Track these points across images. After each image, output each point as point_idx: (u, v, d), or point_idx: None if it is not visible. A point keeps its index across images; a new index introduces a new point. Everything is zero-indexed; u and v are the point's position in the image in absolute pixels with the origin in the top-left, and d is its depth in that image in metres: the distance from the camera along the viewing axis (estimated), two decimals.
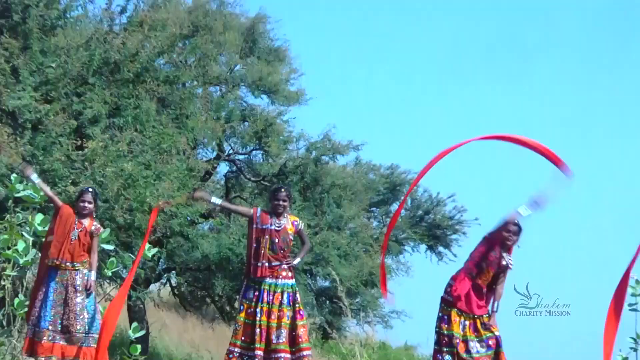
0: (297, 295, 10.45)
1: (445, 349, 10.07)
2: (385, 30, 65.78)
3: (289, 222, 10.51)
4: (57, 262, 10.28)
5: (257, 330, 10.11)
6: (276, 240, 10.33)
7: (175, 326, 24.81)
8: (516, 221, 10.23)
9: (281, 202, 10.48)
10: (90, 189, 11.04)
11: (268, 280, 10.27)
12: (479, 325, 10.10)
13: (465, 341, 10.05)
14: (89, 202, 10.54)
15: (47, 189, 10.94)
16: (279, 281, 10.29)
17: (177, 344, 22.96)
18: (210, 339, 23.97)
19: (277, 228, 10.39)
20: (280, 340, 10.10)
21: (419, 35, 66.48)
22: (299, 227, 10.67)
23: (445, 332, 10.10)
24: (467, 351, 10.02)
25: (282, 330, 10.13)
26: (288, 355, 10.08)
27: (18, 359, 10.69)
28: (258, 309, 10.17)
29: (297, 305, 10.34)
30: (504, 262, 10.19)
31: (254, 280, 10.32)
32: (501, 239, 10.25)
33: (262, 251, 10.30)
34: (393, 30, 64.95)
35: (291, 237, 10.56)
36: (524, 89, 68.45)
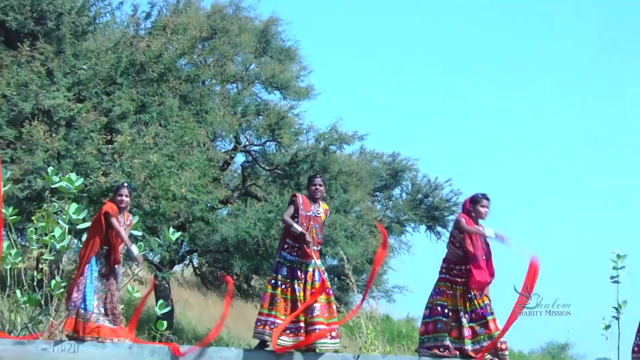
0: (325, 273, 10.45)
1: (439, 317, 10.13)
2: (388, 27, 65.60)
3: (322, 210, 10.49)
4: (116, 256, 10.34)
5: (299, 304, 10.07)
6: (317, 226, 10.34)
7: (197, 303, 24.82)
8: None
9: (318, 187, 10.44)
10: (125, 184, 10.88)
11: (308, 262, 10.26)
12: (467, 295, 10.18)
13: (456, 311, 10.14)
14: (126, 196, 10.54)
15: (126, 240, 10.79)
16: (312, 261, 10.28)
17: (198, 320, 23.01)
18: (229, 315, 24.01)
19: (316, 214, 10.38)
20: (315, 314, 10.09)
21: (419, 32, 66.32)
22: (328, 214, 10.71)
23: (438, 302, 10.18)
24: (458, 320, 10.11)
25: (316, 304, 10.09)
26: (325, 327, 9.99)
27: (55, 335, 10.77)
28: (296, 286, 10.13)
29: (326, 282, 10.30)
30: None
31: (291, 260, 10.30)
32: (477, 212, 10.37)
33: (312, 236, 10.21)
34: (395, 28, 64.81)
35: (325, 224, 10.64)
36: (517, 83, 68.00)
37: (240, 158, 23.75)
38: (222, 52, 22.16)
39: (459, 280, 10.15)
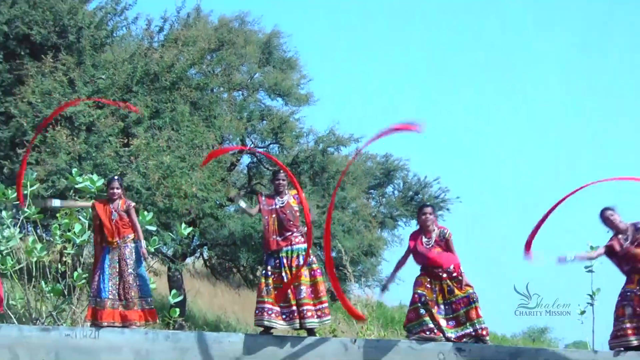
0: (313, 257, 10.43)
1: (418, 305, 10.09)
2: (380, 34, 65.56)
3: (290, 197, 10.47)
4: (109, 241, 10.28)
5: (278, 291, 10.07)
6: (283, 216, 10.31)
7: (207, 293, 24.82)
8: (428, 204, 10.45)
9: (281, 181, 10.48)
10: (116, 177, 10.90)
11: (285, 248, 10.25)
12: (445, 289, 10.12)
13: (434, 303, 10.10)
14: (117, 188, 10.50)
15: (73, 203, 10.89)
16: (294, 247, 10.24)
17: (208, 308, 23.01)
18: (236, 303, 24.00)
19: (281, 205, 10.35)
20: (302, 296, 10.10)
21: (409, 38, 66.25)
22: (298, 197, 10.55)
23: (418, 291, 10.14)
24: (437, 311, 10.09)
25: (302, 287, 10.09)
26: (312, 307, 10.04)
27: (77, 322, 10.73)
28: (284, 274, 10.12)
29: (314, 265, 10.32)
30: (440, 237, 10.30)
31: (272, 251, 10.29)
32: (421, 224, 10.37)
33: (272, 227, 10.29)
34: (387, 35, 64.80)
35: (296, 209, 10.48)
36: (506, 84, 67.66)
37: (246, 159, 23.86)
38: (229, 62, 22.24)
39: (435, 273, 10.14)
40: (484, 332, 10.04)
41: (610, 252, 10.07)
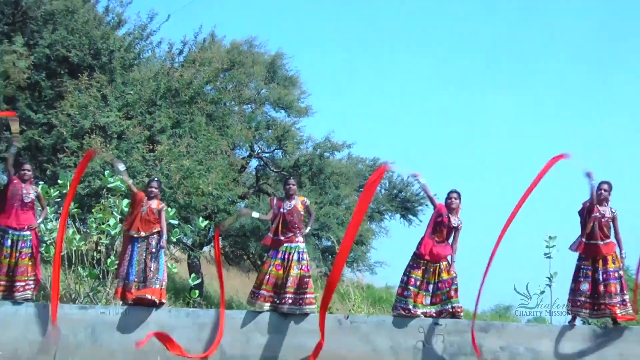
0: (305, 255, 10.38)
1: (410, 287, 10.14)
2: (370, 54, 65.26)
3: (299, 202, 10.46)
4: (134, 234, 10.32)
5: (274, 279, 10.23)
6: (289, 219, 10.30)
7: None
8: (456, 190, 10.37)
9: (291, 186, 10.48)
10: (155, 179, 11.03)
11: (285, 244, 10.29)
12: (437, 272, 10.17)
13: (426, 282, 10.14)
14: (155, 188, 10.56)
15: (128, 179, 10.91)
16: (293, 244, 10.29)
17: (216, 290, 22.99)
18: (247, 286, 23.85)
19: (287, 209, 10.35)
20: (287, 285, 10.14)
21: (394, 57, 65.95)
22: (306, 203, 10.61)
23: (412, 275, 10.18)
24: (426, 290, 10.13)
25: (290, 278, 10.12)
26: (292, 295, 10.06)
27: (111, 302, 10.77)
28: (284, 265, 10.22)
29: (304, 262, 10.30)
30: (454, 224, 10.28)
31: (272, 246, 10.37)
32: (447, 204, 10.35)
33: (278, 227, 10.32)
34: (375, 54, 64.52)
35: (302, 212, 10.50)
36: (492, 89, 66.90)
37: (254, 162, 23.81)
38: (239, 80, 22.23)
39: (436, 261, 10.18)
40: (459, 310, 10.10)
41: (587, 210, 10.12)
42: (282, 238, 10.32)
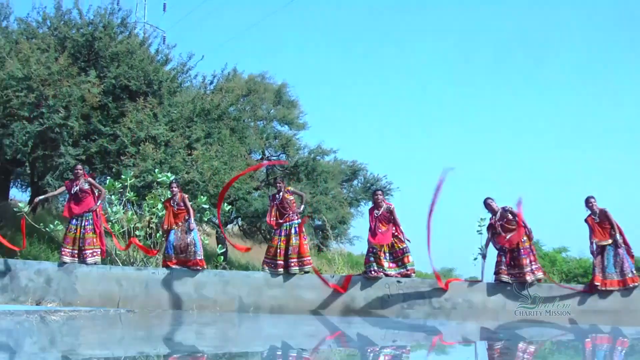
0: (303, 227, 10.43)
1: (371, 258, 10.15)
2: (354, 71, 65.19)
3: (285, 192, 10.51)
4: (169, 228, 10.37)
5: (279, 250, 10.25)
6: (283, 207, 10.38)
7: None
8: (377, 189, 10.31)
9: (277, 184, 10.61)
10: (174, 180, 11.00)
11: (284, 224, 10.32)
12: (391, 244, 10.19)
13: (380, 252, 10.16)
14: (175, 187, 10.53)
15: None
16: (289, 222, 10.33)
17: (241, 257, 22.96)
18: (260, 254, 24.01)
19: (279, 199, 10.43)
20: (289, 252, 10.17)
21: (374, 81, 65.97)
22: (290, 190, 10.68)
23: (373, 245, 10.18)
24: (383, 257, 10.16)
25: (290, 247, 10.15)
26: (295, 260, 10.09)
27: (159, 265, 10.76)
28: (284, 238, 10.27)
29: (302, 233, 10.33)
30: (383, 211, 10.23)
31: (276, 227, 10.41)
32: (374, 202, 10.42)
33: (274, 214, 10.46)
34: (355, 79, 64.53)
35: (291, 198, 10.57)
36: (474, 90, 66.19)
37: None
38: (254, 103, 22.33)
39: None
40: (412, 271, 10.14)
41: (490, 227, 10.19)
42: (282, 220, 10.36)
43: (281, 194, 10.50)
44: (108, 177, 12.73)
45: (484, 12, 64.06)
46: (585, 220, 9.92)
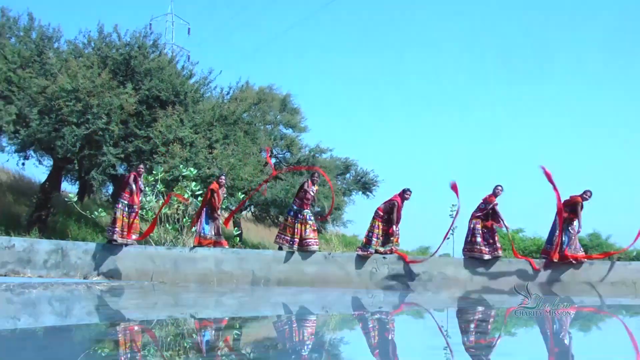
0: (312, 215, 10.36)
1: (371, 238, 10.11)
2: (349, 77, 64.53)
3: (315, 189, 10.44)
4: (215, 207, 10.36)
5: (296, 231, 10.19)
6: (310, 199, 10.29)
7: (253, 229, 24.82)
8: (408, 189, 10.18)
9: (314, 179, 10.44)
10: (224, 174, 11.10)
11: (304, 210, 10.15)
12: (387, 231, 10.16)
13: (377, 235, 10.14)
14: (223, 179, 10.61)
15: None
16: (308, 209, 10.25)
17: (254, 237, 23.02)
18: (271, 236, 24.11)
19: (312, 192, 10.29)
20: (306, 233, 10.09)
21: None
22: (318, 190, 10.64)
23: (373, 230, 10.14)
24: (381, 238, 10.13)
25: (307, 229, 10.07)
26: (311, 239, 10.04)
27: (185, 245, 10.74)
28: (296, 220, 10.16)
29: (310, 220, 10.17)
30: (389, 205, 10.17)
31: (294, 209, 10.27)
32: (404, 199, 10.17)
33: (299, 197, 10.38)
34: (345, 86, 64.08)
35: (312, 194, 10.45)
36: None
37: (273, 160, 23.76)
38: (264, 110, 22.21)
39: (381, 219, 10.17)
40: (395, 246, 10.15)
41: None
42: (303, 208, 10.23)
43: (314, 187, 10.37)
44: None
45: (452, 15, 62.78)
46: (568, 203, 9.75)
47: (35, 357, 3.68)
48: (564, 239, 9.68)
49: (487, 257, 9.75)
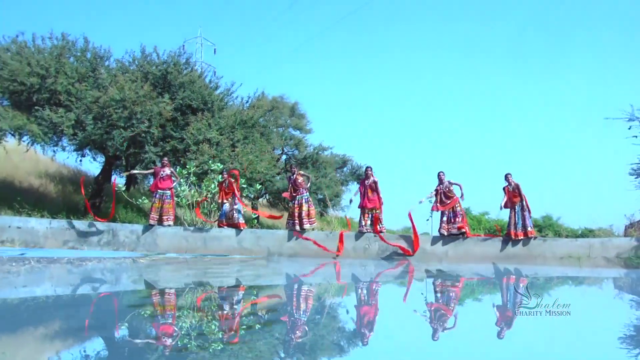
0: (309, 198, 10.35)
1: (362, 222, 10.07)
2: (349, 84, 64.20)
3: (297, 175, 10.40)
4: (221, 201, 10.30)
5: (296, 213, 10.16)
6: (296, 185, 10.29)
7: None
8: (368, 166, 10.04)
9: (292, 169, 10.56)
10: (225, 171, 11.06)
11: (297, 197, 10.23)
12: (372, 211, 10.11)
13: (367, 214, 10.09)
14: (225, 174, 10.60)
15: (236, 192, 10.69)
16: (300, 195, 10.22)
17: (268, 220, 22.99)
18: (282, 219, 24.16)
19: (292, 180, 10.36)
20: (302, 215, 10.09)
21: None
22: (301, 172, 10.49)
23: (362, 215, 10.10)
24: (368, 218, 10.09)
25: (302, 212, 10.04)
26: (307, 219, 10.01)
27: (212, 226, 10.70)
28: (296, 205, 10.17)
29: (309, 202, 10.20)
30: (369, 183, 10.08)
31: (293, 199, 10.28)
32: (365, 175, 10.22)
33: (290, 190, 10.38)
34: (343, 91, 63.71)
35: (301, 179, 10.39)
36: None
37: (284, 157, 23.72)
38: (276, 115, 22.10)
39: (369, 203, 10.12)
40: (383, 229, 10.11)
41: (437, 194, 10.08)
42: (295, 194, 10.26)
43: (294, 176, 10.42)
44: (178, 167, 12.64)
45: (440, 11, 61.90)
46: (503, 189, 9.84)
47: (92, 318, 3.68)
48: (515, 220, 9.66)
49: (445, 232, 9.74)
